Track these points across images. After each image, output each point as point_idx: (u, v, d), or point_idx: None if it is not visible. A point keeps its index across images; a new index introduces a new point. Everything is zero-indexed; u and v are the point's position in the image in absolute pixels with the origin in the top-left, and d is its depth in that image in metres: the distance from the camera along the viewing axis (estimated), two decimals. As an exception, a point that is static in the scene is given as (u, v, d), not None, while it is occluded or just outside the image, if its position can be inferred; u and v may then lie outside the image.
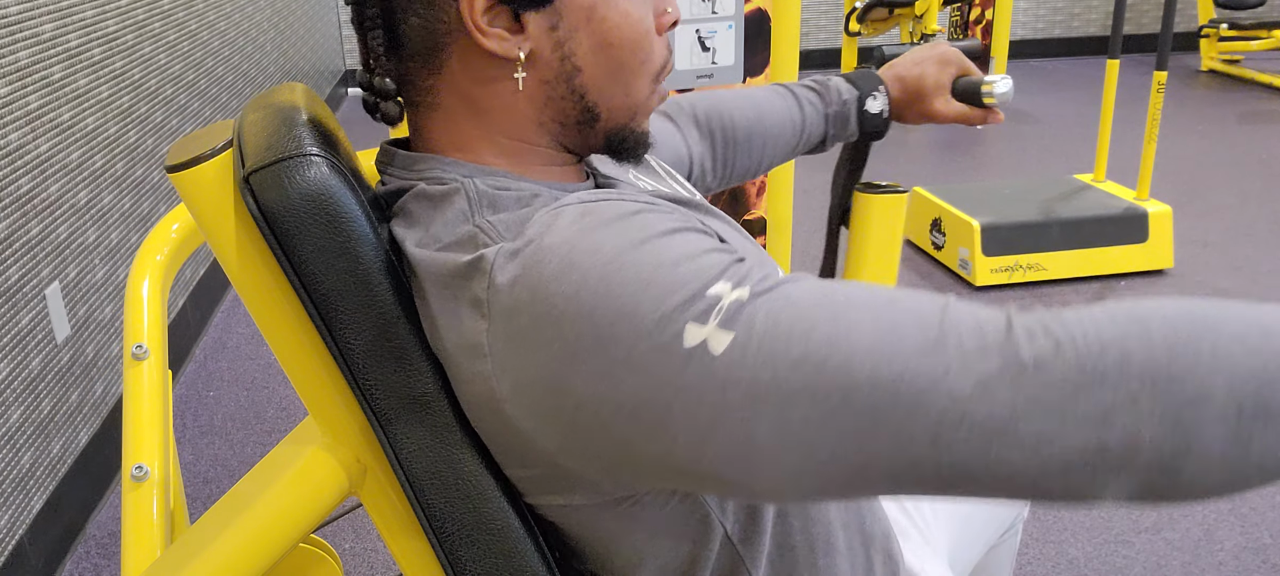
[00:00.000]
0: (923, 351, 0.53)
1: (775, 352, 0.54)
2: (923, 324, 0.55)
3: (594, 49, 0.70)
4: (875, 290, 0.57)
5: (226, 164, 0.71)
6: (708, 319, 0.55)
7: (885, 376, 0.53)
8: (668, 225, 0.61)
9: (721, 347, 0.55)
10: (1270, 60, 6.38)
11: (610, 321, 0.57)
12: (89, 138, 2.32)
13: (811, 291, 0.57)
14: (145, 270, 1.07)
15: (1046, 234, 3.08)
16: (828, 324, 0.55)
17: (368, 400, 0.70)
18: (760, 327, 0.55)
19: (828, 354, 0.54)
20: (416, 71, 0.71)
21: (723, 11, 1.91)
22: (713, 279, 0.57)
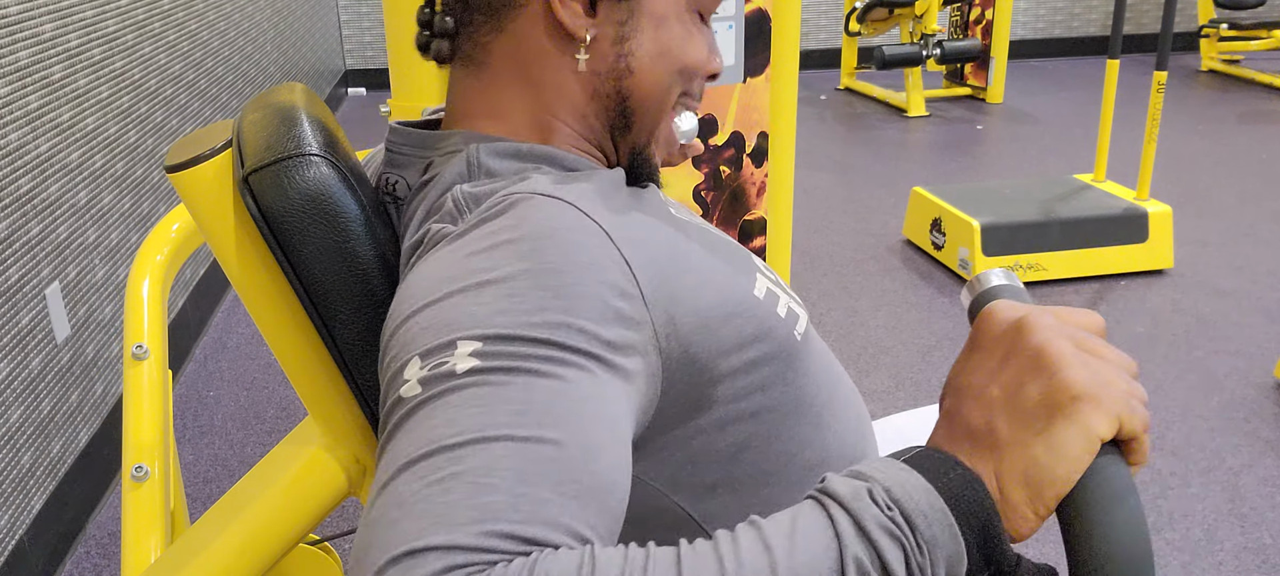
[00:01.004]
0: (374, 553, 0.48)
1: (406, 432, 0.53)
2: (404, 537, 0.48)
3: (650, 56, 0.73)
4: (500, 467, 0.50)
5: (226, 164, 0.71)
6: (427, 365, 0.55)
7: (368, 535, 0.50)
8: (550, 269, 0.59)
9: (404, 394, 0.55)
10: (1270, 60, 6.38)
11: (407, 314, 0.59)
12: (89, 138, 2.31)
13: (485, 413, 0.52)
14: (145, 270, 1.07)
15: (1046, 234, 3.08)
16: (429, 453, 0.51)
17: (367, 400, 0.70)
18: (427, 406, 0.53)
19: (398, 473, 0.51)
20: (479, 24, 0.73)
21: (723, 11, 1.91)
22: (477, 335, 0.55)
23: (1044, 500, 0.51)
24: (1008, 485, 0.51)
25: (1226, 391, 2.46)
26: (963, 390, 0.55)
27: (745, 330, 0.69)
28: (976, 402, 0.54)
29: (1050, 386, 0.52)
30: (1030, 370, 0.53)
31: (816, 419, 0.76)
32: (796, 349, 0.74)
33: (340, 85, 6.14)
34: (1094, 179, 3.41)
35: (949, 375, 0.58)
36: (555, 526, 0.50)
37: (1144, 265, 3.15)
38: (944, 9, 5.63)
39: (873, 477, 0.51)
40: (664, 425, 0.68)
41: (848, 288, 3.15)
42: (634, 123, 0.75)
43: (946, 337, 2.79)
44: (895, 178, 4.27)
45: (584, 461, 0.52)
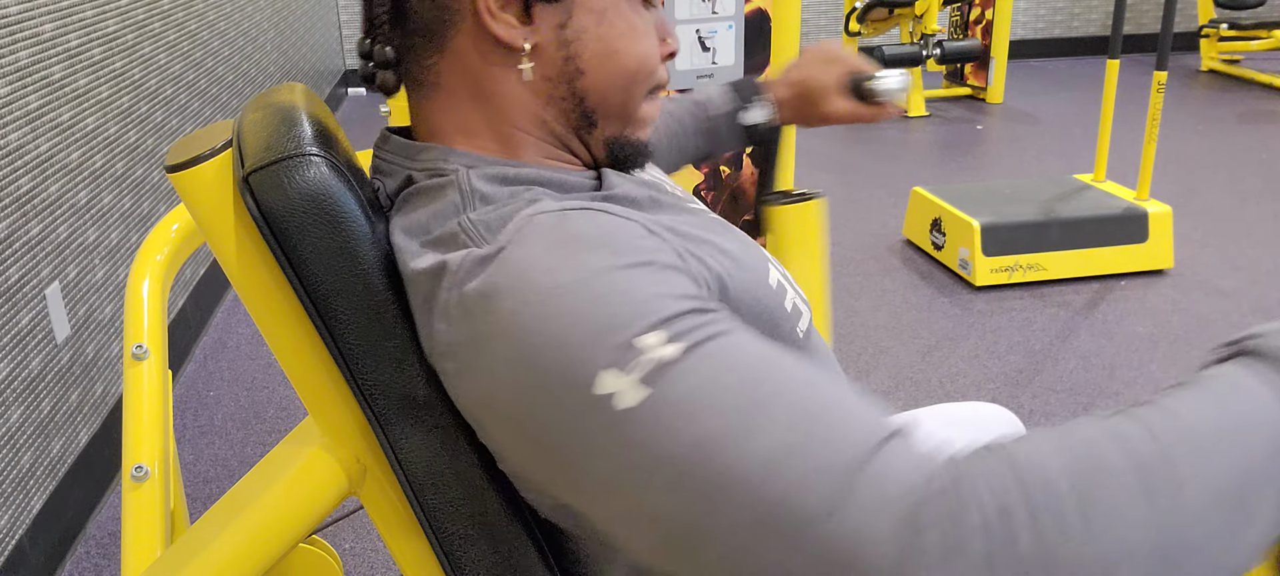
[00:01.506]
0: (817, 486, 0.49)
1: (679, 426, 0.52)
2: (838, 453, 0.50)
3: (599, 54, 0.71)
4: (814, 391, 0.53)
5: (226, 164, 0.71)
6: (629, 368, 0.54)
7: (769, 493, 0.50)
8: (632, 256, 0.59)
9: (631, 403, 0.53)
10: (1270, 60, 6.38)
11: (539, 348, 0.56)
12: (89, 137, 2.32)
13: (744, 365, 0.54)
14: (145, 270, 1.07)
15: (1046, 234, 3.08)
16: (737, 414, 0.52)
17: (367, 400, 0.70)
18: (675, 394, 0.53)
19: (726, 445, 0.51)
20: (420, 47, 0.71)
21: (723, 11, 1.91)
22: (650, 327, 0.55)
23: None
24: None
25: (1226, 391, 2.46)
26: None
27: (763, 318, 0.69)
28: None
29: None
30: None
31: None
32: (799, 345, 0.74)
33: (340, 85, 6.14)
34: (1094, 179, 3.41)
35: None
36: (885, 409, 0.54)
37: (1144, 265, 3.15)
38: (944, 9, 5.63)
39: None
40: None
41: (848, 288, 3.15)
42: (598, 120, 0.73)
43: (946, 338, 2.79)
44: (895, 178, 4.27)
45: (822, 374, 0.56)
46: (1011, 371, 2.59)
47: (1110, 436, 0.51)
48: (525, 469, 0.65)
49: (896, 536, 0.48)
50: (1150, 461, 0.49)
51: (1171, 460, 0.49)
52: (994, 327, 2.84)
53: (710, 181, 2.20)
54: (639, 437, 0.53)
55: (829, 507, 0.49)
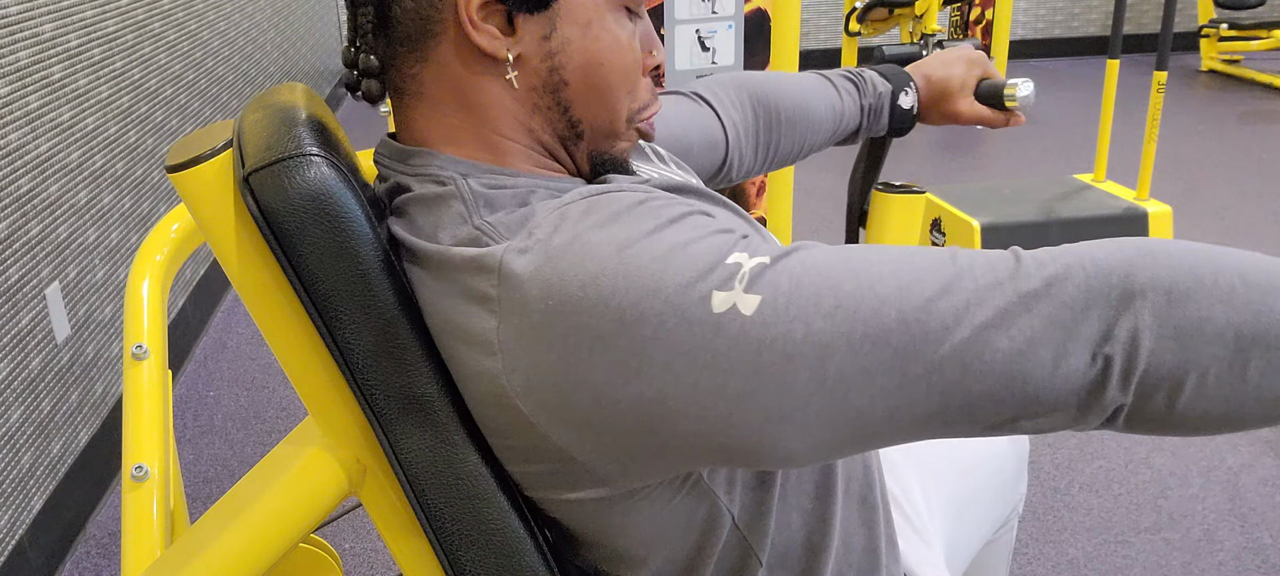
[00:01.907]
0: (943, 292, 0.57)
1: (805, 308, 0.56)
2: (938, 269, 0.58)
3: (583, 66, 0.70)
4: (884, 249, 0.60)
5: (226, 164, 0.71)
6: (732, 285, 0.57)
7: (913, 318, 0.56)
8: (673, 212, 0.62)
9: (751, 309, 0.56)
10: (1270, 60, 6.38)
11: (634, 302, 0.57)
12: (89, 138, 2.31)
13: (827, 253, 0.60)
14: (145, 270, 1.07)
15: (1047, 234, 3.08)
16: (850, 278, 0.57)
17: (367, 400, 0.70)
18: (785, 287, 0.57)
19: (857, 303, 0.56)
20: (404, 56, 0.71)
21: (723, 11, 1.91)
22: (729, 250, 0.59)
23: None
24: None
25: (1226, 391, 2.46)
26: None
27: None
28: None
29: None
30: None
31: None
32: None
33: (340, 85, 6.14)
34: (1094, 179, 3.41)
35: None
36: None
37: (1144, 265, 3.15)
38: (944, 9, 5.63)
39: None
40: None
41: (848, 288, 3.15)
42: (583, 131, 0.73)
43: (946, 337, 2.79)
44: (895, 178, 4.26)
45: None
46: (1011, 371, 2.59)
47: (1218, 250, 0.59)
48: (597, 444, 0.62)
49: (1004, 266, 0.58)
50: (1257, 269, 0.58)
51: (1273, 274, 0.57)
52: (994, 327, 2.84)
53: (710, 181, 2.20)
54: (774, 333, 0.56)
55: (963, 302, 0.57)
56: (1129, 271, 0.57)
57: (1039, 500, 2.07)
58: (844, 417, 0.58)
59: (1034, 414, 0.58)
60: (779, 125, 1.10)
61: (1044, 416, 0.58)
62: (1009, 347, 0.56)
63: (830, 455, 0.61)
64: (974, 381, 0.56)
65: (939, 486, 1.08)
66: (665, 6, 1.90)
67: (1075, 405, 0.57)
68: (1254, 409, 0.57)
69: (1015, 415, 0.58)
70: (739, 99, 1.09)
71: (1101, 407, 0.57)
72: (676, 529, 0.72)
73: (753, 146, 1.10)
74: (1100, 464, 2.19)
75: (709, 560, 0.73)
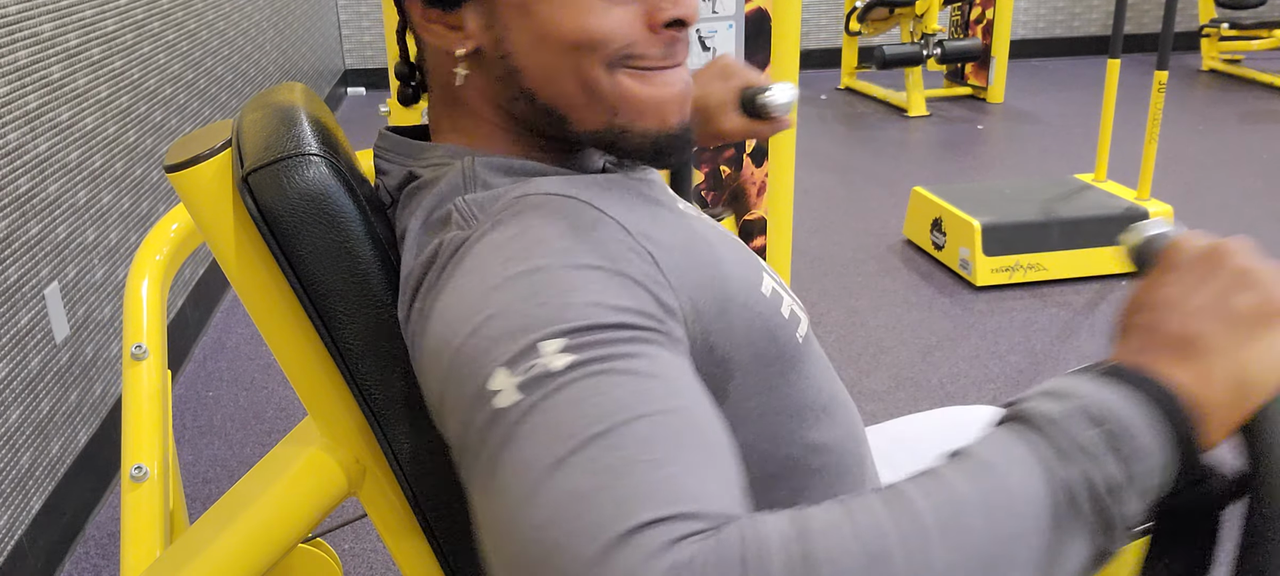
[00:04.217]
0: (582, 544, 0.47)
1: (524, 439, 0.51)
2: (617, 518, 0.47)
3: (530, 45, 0.67)
4: (649, 448, 0.50)
5: (225, 164, 0.71)
6: (517, 371, 0.53)
7: (546, 537, 0.48)
8: (589, 257, 0.59)
9: (504, 404, 0.53)
10: (1271, 60, 6.38)
11: (461, 332, 0.58)
12: (88, 137, 2.31)
13: (612, 396, 0.52)
14: (144, 270, 1.07)
15: (1047, 234, 3.08)
16: (571, 445, 0.50)
17: (366, 400, 0.70)
18: (537, 408, 0.52)
19: (541, 475, 0.50)
20: (420, 56, 0.76)
21: (723, 11, 1.91)
22: (556, 333, 0.54)
23: (1247, 405, 0.53)
24: (1214, 389, 0.53)
25: (1227, 391, 2.45)
26: (1159, 304, 0.56)
27: (755, 325, 0.69)
28: (1178, 314, 0.55)
29: (1262, 298, 0.54)
30: (1239, 284, 0.55)
31: (816, 422, 0.76)
32: (799, 351, 0.74)
33: (340, 85, 6.14)
34: (1095, 179, 3.41)
35: (1131, 302, 0.59)
36: (727, 487, 0.51)
37: (1145, 265, 3.14)
38: (944, 8, 5.63)
39: (1074, 394, 0.51)
40: None
41: (848, 287, 3.15)
42: (564, 113, 0.69)
43: (946, 338, 2.79)
44: (895, 178, 4.26)
45: (710, 425, 0.54)
46: (1012, 372, 2.59)
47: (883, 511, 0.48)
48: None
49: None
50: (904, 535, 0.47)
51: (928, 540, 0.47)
52: (995, 328, 2.84)
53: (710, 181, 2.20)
54: (498, 440, 0.52)
55: (585, 569, 0.47)
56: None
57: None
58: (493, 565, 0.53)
59: None
60: None
61: None
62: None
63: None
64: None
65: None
66: (665, 6, 1.90)
67: None
68: None
69: None
70: None
71: None
72: None
73: None
74: (1101, 464, 2.19)
75: None
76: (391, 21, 1.84)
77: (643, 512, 0.47)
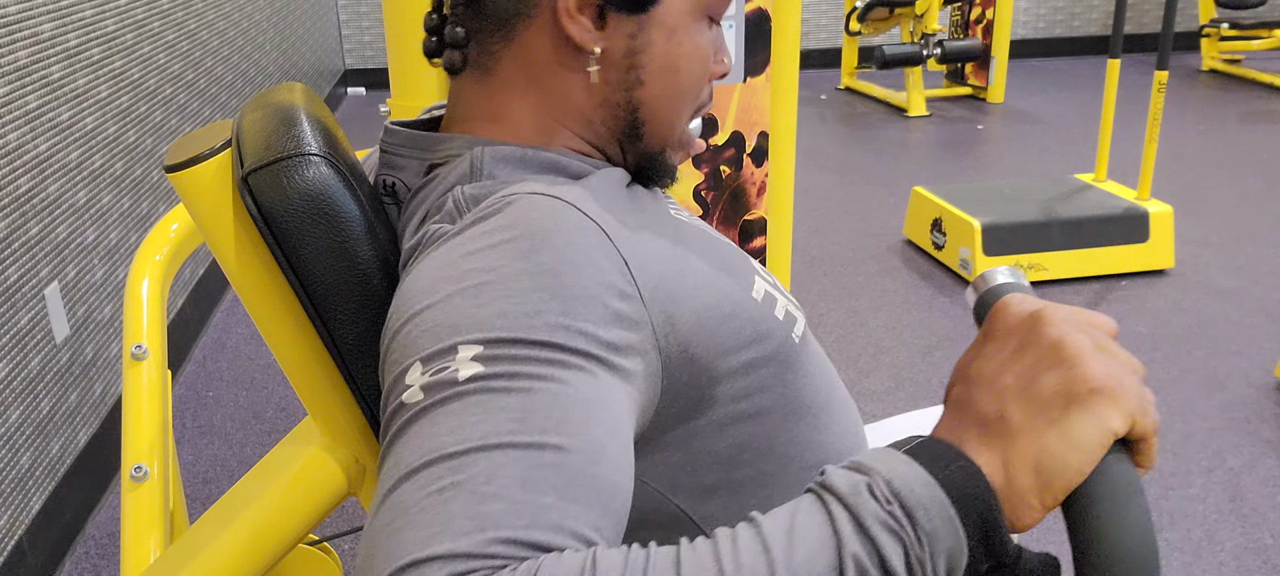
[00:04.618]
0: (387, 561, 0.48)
1: (406, 440, 0.53)
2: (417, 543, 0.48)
3: (661, 68, 0.72)
4: (499, 474, 0.50)
5: (225, 164, 0.71)
6: (428, 370, 0.55)
7: (375, 541, 0.50)
8: (547, 268, 0.59)
9: (406, 399, 0.55)
10: (1271, 60, 6.38)
11: (404, 315, 0.59)
12: (88, 137, 2.31)
13: (489, 419, 0.52)
14: (144, 270, 1.07)
15: (1047, 234, 3.08)
16: (431, 460, 0.51)
17: (366, 400, 0.70)
18: (428, 413, 0.53)
19: (399, 481, 0.51)
20: (488, 32, 0.73)
21: (723, 11, 1.91)
22: (477, 340, 0.55)
23: (1053, 490, 0.50)
24: (1017, 472, 0.50)
25: (1227, 391, 2.46)
26: (973, 379, 0.54)
27: (743, 331, 0.69)
28: (988, 390, 0.53)
29: (1069, 377, 0.51)
30: (1048, 360, 0.52)
31: (814, 421, 0.76)
32: (794, 351, 0.74)
33: (340, 85, 6.14)
34: (1095, 179, 3.40)
35: (957, 366, 0.57)
36: (558, 530, 0.50)
37: (1145, 265, 3.15)
38: (945, 8, 5.62)
39: (873, 470, 0.50)
40: (664, 426, 0.68)
41: (848, 288, 3.15)
42: (644, 132, 0.75)
43: (946, 338, 2.79)
44: (895, 178, 4.26)
45: (586, 465, 0.52)
46: (1012, 371, 2.59)
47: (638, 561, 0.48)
48: None
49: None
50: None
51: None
52: (994, 327, 2.84)
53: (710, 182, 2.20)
54: (393, 433, 0.54)
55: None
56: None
57: (1040, 500, 2.07)
58: None
59: None
60: None
61: None
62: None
63: None
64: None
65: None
66: (665, 6, 1.90)
67: None
68: None
69: None
70: None
71: None
72: (638, 529, 0.72)
73: None
74: (1101, 464, 2.19)
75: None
76: (392, 22, 1.84)
77: (435, 545, 0.47)
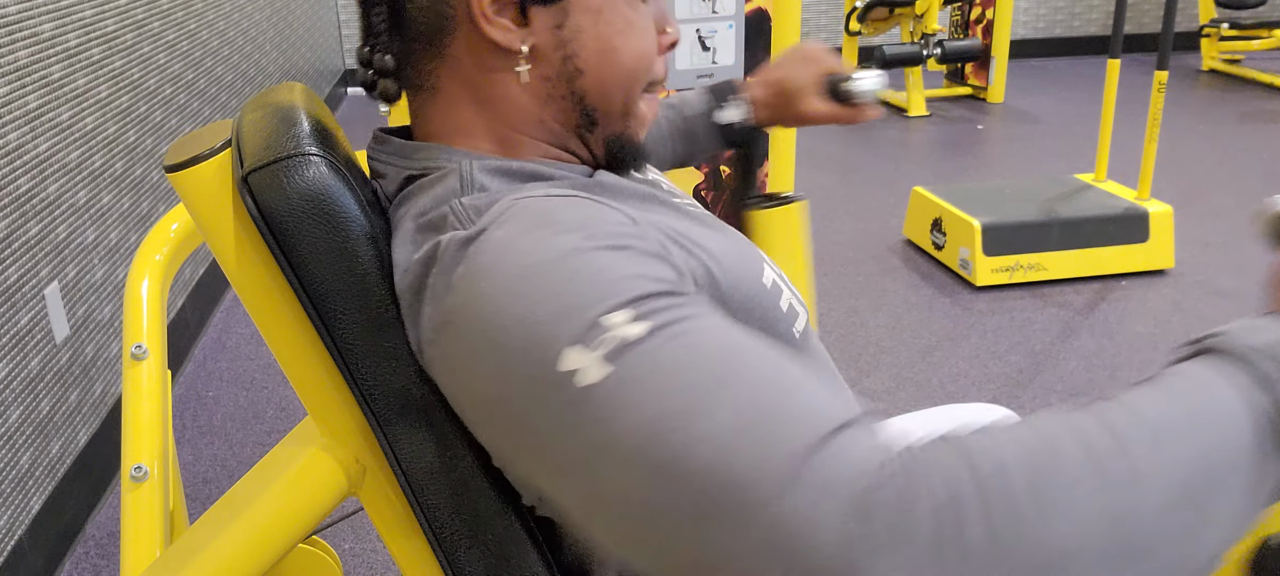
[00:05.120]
0: (767, 468, 0.48)
1: (637, 404, 0.51)
2: (791, 436, 0.48)
3: (597, 53, 0.70)
4: (777, 376, 0.52)
5: (225, 164, 0.71)
6: (593, 345, 0.53)
7: (719, 474, 0.48)
8: (608, 239, 0.59)
9: (593, 380, 0.52)
10: (1271, 60, 6.38)
11: (505, 327, 0.56)
12: (88, 137, 2.31)
13: (709, 347, 0.53)
14: (144, 270, 1.07)
15: (1047, 234, 3.08)
16: (695, 394, 0.51)
17: (366, 400, 0.70)
18: (636, 372, 0.52)
19: (680, 425, 0.50)
20: (419, 53, 0.71)
21: (723, 11, 1.91)
22: (617, 305, 0.54)
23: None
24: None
25: (1227, 391, 2.46)
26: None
27: (753, 314, 0.69)
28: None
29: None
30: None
31: None
32: (794, 345, 0.74)
33: (340, 85, 6.14)
34: (1095, 179, 3.40)
35: (1274, 271, 0.62)
36: (853, 402, 0.52)
37: (1145, 265, 3.15)
38: (944, 8, 5.63)
39: (1263, 330, 0.54)
40: None
41: (848, 287, 3.15)
42: (598, 118, 0.73)
43: (946, 338, 2.79)
44: (895, 178, 4.26)
45: (790, 358, 0.55)
46: (1012, 371, 2.59)
47: (1068, 429, 0.49)
48: (503, 455, 0.65)
49: (844, 520, 0.46)
50: (1108, 455, 0.48)
51: (1130, 455, 0.48)
52: (995, 328, 2.84)
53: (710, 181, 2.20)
54: (598, 415, 0.52)
55: (777, 490, 0.47)
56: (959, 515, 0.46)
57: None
58: (632, 535, 0.52)
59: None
60: None
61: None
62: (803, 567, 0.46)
63: (637, 566, 0.54)
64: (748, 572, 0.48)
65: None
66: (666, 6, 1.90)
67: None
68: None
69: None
70: None
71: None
72: None
73: None
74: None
75: None
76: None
77: (823, 423, 0.49)
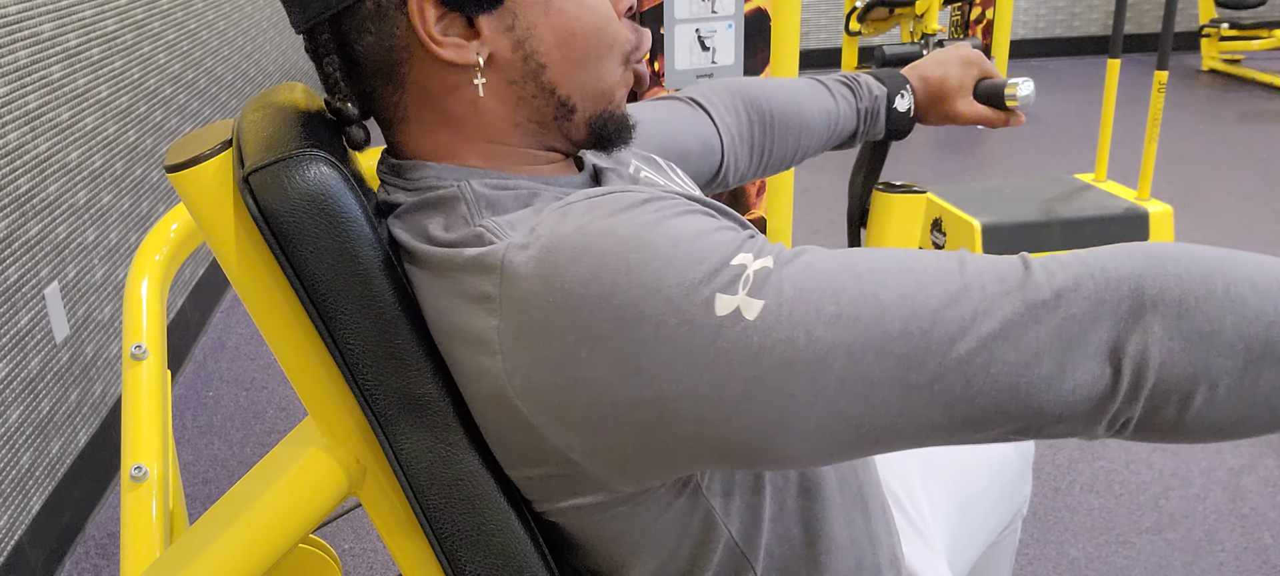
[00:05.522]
0: (949, 301, 0.56)
1: (807, 314, 0.56)
2: (945, 276, 0.57)
3: (556, 42, 0.69)
4: (891, 252, 0.60)
5: (226, 163, 0.71)
6: (736, 288, 0.56)
7: (917, 327, 0.56)
8: (678, 208, 0.61)
9: (754, 314, 0.56)
10: (1271, 60, 6.38)
11: (634, 299, 0.56)
12: (88, 137, 2.31)
13: (832, 257, 0.59)
14: (144, 270, 1.07)
15: (1047, 234, 3.07)
16: (854, 284, 0.57)
17: (367, 400, 0.70)
18: (789, 293, 0.56)
19: (859, 311, 0.56)
20: (379, 89, 0.70)
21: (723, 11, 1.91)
22: (734, 251, 0.58)
23: None
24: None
25: (1227, 391, 2.46)
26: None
27: None
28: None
29: None
30: None
31: None
32: None
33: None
34: (1095, 179, 3.41)
35: None
36: None
37: (1145, 265, 3.14)
38: (944, 8, 5.62)
39: None
40: None
41: (848, 287, 3.15)
42: (575, 104, 0.71)
43: (947, 337, 2.79)
44: (895, 177, 4.26)
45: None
46: (1012, 371, 2.59)
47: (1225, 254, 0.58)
48: (595, 445, 0.62)
49: (1013, 275, 0.57)
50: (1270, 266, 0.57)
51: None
52: (995, 327, 2.84)
53: (711, 181, 2.20)
54: (775, 339, 0.56)
55: (970, 312, 0.56)
56: (1139, 282, 0.56)
57: (1040, 500, 2.06)
58: (844, 425, 0.57)
59: (1040, 425, 0.57)
60: (773, 130, 1.10)
61: (1050, 427, 0.58)
62: (1016, 360, 0.56)
63: (829, 459, 0.60)
64: (979, 393, 0.56)
65: (942, 488, 1.07)
66: (665, 6, 1.90)
67: (1083, 417, 0.57)
68: (1263, 417, 0.57)
69: (1021, 426, 0.57)
70: (733, 104, 1.08)
71: (1109, 419, 0.57)
72: (670, 538, 0.71)
73: (747, 151, 1.10)
74: (1101, 464, 2.19)
75: (704, 572, 0.73)
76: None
77: (963, 255, 0.58)
